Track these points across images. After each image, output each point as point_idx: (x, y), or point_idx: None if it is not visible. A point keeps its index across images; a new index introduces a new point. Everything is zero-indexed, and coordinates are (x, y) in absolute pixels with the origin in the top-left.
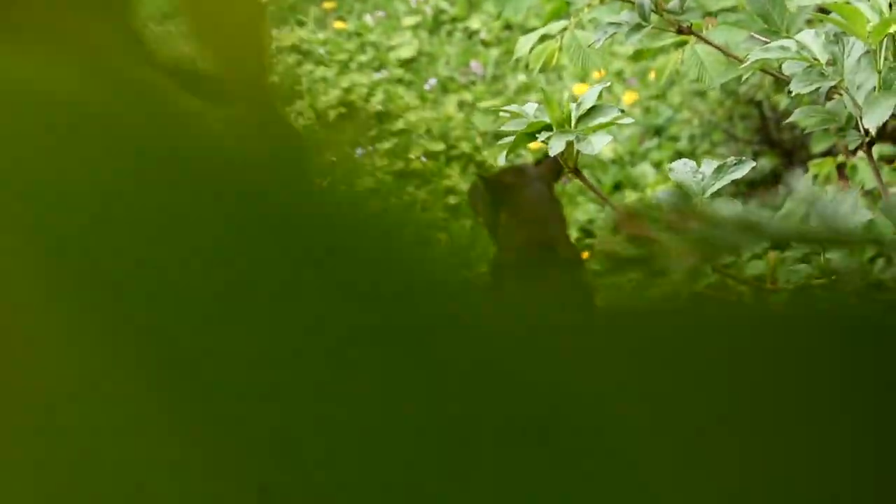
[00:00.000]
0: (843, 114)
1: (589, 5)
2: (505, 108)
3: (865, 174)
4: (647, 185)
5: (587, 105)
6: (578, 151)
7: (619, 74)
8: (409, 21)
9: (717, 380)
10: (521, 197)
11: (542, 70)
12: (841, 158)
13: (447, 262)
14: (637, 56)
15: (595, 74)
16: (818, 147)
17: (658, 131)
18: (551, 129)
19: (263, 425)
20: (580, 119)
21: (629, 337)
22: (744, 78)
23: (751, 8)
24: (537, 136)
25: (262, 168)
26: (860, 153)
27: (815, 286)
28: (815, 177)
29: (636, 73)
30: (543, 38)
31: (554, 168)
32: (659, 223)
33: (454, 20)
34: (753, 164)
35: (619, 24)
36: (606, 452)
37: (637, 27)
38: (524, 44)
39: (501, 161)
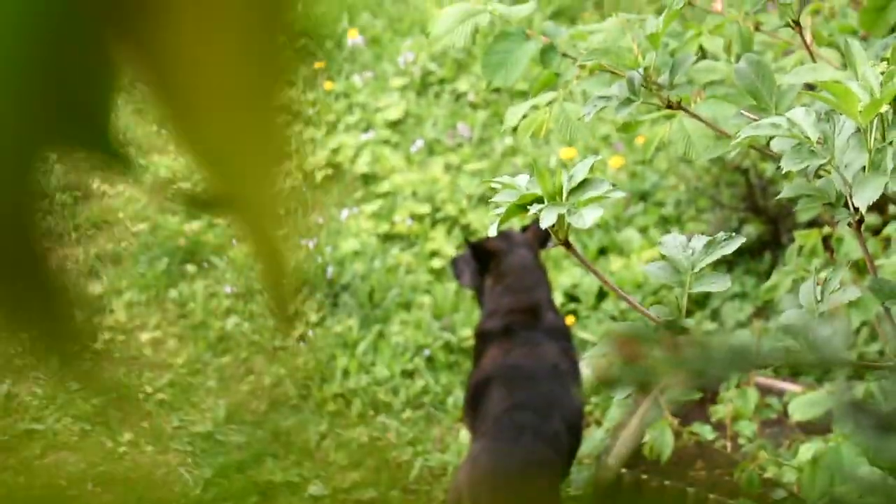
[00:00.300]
0: (833, 191)
1: (578, 77)
2: (496, 179)
3: (851, 246)
4: (632, 251)
5: (578, 178)
6: (569, 223)
7: (605, 139)
8: (397, 82)
9: None
10: (507, 262)
11: (530, 135)
12: (827, 230)
13: None
14: (625, 128)
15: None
16: (804, 216)
17: (644, 196)
18: (542, 202)
19: None
20: (571, 192)
21: None
22: (728, 154)
23: (740, 84)
24: (528, 207)
25: None
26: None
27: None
28: (801, 248)
29: (623, 138)
30: (532, 109)
31: (539, 234)
32: (654, 346)
33: (442, 81)
34: (743, 239)
35: (608, 98)
36: None
37: (626, 101)
38: (513, 114)
39: (492, 232)
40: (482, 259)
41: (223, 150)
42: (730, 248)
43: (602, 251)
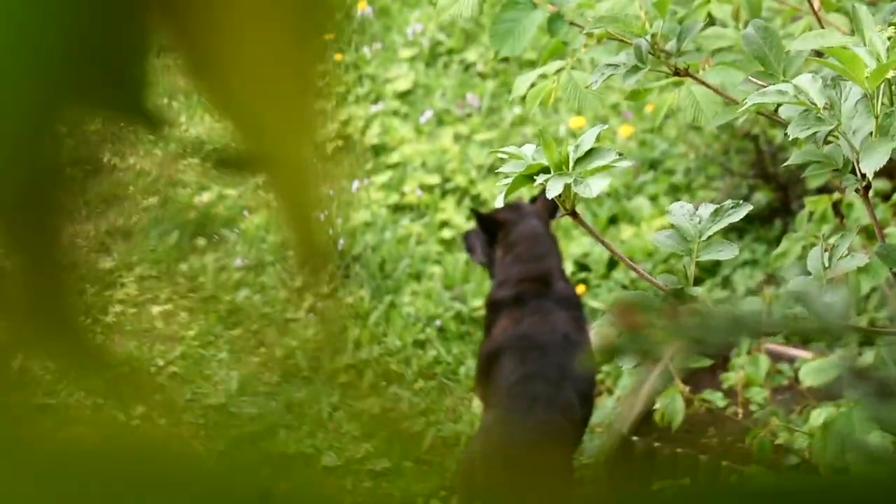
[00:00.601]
0: (840, 157)
1: (586, 45)
2: (503, 149)
3: (861, 212)
4: (643, 219)
5: (585, 147)
6: (576, 193)
7: (615, 108)
8: (406, 53)
9: None
10: (517, 233)
11: (539, 105)
12: (836, 196)
13: None
14: (634, 96)
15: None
16: (814, 182)
17: (654, 165)
18: (549, 172)
19: None
20: (578, 161)
21: None
22: (738, 121)
23: (748, 50)
24: (535, 177)
25: None
26: None
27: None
28: (811, 214)
29: (632, 107)
30: (540, 78)
31: (549, 204)
32: (654, 315)
33: (451, 52)
34: (750, 207)
35: (616, 66)
36: None
37: (634, 69)
38: (522, 83)
39: (499, 203)
40: (491, 230)
41: (257, 112)
42: (737, 216)
43: (612, 220)
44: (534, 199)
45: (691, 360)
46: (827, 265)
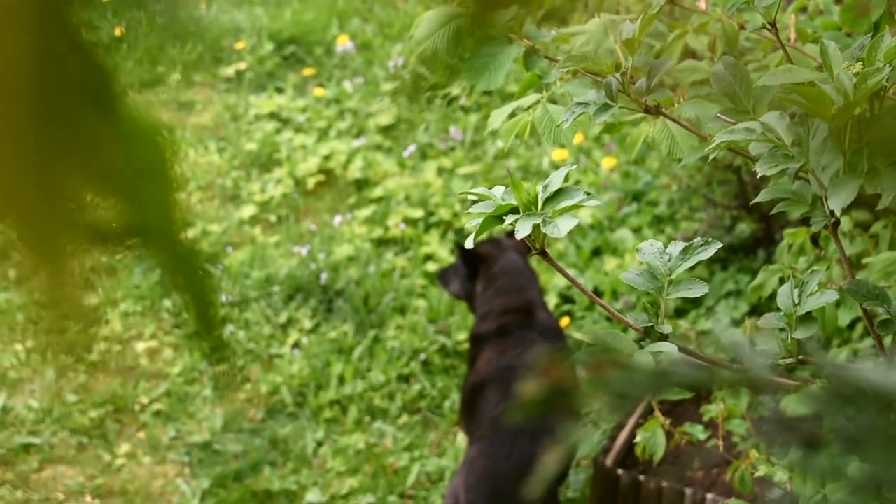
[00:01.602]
0: (810, 194)
1: (561, 79)
2: (472, 191)
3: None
4: (626, 251)
5: (553, 187)
6: (545, 233)
7: (597, 139)
8: (388, 87)
9: None
10: (498, 266)
11: (518, 138)
12: (815, 228)
13: None
14: (609, 129)
15: (576, 139)
16: (795, 213)
17: (637, 196)
18: (518, 212)
19: None
20: (546, 201)
21: None
22: (710, 157)
23: (717, 88)
24: (504, 218)
25: None
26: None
27: None
28: (790, 246)
29: (616, 138)
30: (515, 113)
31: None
32: (579, 370)
33: (434, 86)
34: (719, 245)
35: (587, 104)
36: None
37: (605, 106)
38: (496, 117)
39: (469, 244)
40: (473, 264)
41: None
42: (707, 254)
43: (596, 251)
44: (511, 234)
45: (670, 391)
46: (797, 301)
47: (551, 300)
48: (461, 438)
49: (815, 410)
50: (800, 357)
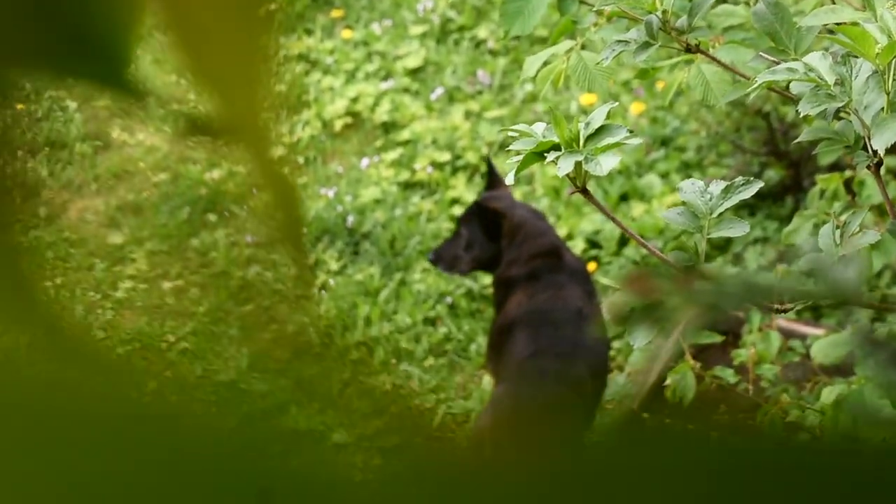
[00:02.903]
0: (852, 134)
1: (596, 24)
2: (513, 127)
3: (872, 190)
4: (654, 196)
5: (595, 125)
6: (587, 171)
7: (626, 84)
8: (416, 30)
9: None
10: (517, 215)
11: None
12: (848, 173)
13: None
14: (642, 74)
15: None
16: (825, 159)
17: (665, 142)
18: (560, 149)
19: None
20: (588, 139)
21: None
22: (750, 97)
23: (758, 27)
24: (546, 155)
25: None
26: None
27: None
28: (823, 192)
29: (644, 84)
30: (549, 60)
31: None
32: (667, 282)
33: (461, 29)
34: (761, 184)
35: (626, 42)
36: None
37: (645, 45)
38: (531, 65)
39: (510, 179)
40: (495, 222)
41: (220, 82)
42: (748, 193)
43: (623, 197)
44: (492, 185)
45: (703, 334)
46: (838, 242)
47: (578, 245)
48: (487, 381)
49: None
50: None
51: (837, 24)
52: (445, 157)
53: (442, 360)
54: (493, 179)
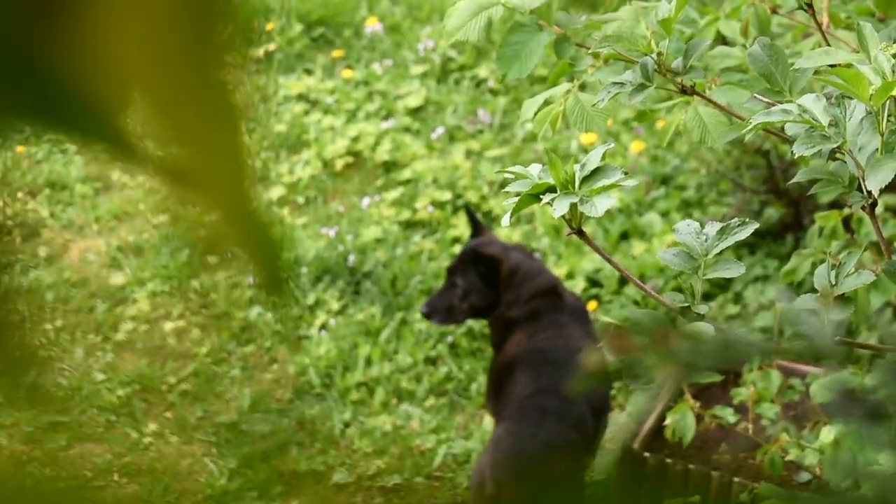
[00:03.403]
0: (846, 174)
1: (593, 66)
2: (509, 169)
3: (871, 227)
4: (654, 235)
5: (591, 166)
6: (582, 212)
7: (626, 123)
8: (417, 69)
9: None
10: (513, 258)
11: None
12: (847, 211)
13: None
14: (640, 117)
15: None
16: (825, 197)
17: (665, 180)
18: (555, 191)
19: None
20: (584, 180)
21: None
22: (743, 139)
23: (754, 68)
24: (541, 197)
25: None
26: None
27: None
28: (822, 230)
29: (644, 123)
30: (547, 102)
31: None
32: (644, 340)
33: (462, 68)
34: (757, 224)
35: (622, 84)
36: None
37: (640, 87)
38: (529, 107)
39: (505, 222)
40: (493, 268)
41: (182, 126)
42: (743, 234)
43: (624, 235)
44: (476, 232)
45: (708, 375)
46: (834, 283)
47: (579, 284)
48: (488, 421)
49: (882, 381)
50: (838, 338)
51: (832, 65)
52: (446, 196)
53: (443, 399)
54: (476, 226)
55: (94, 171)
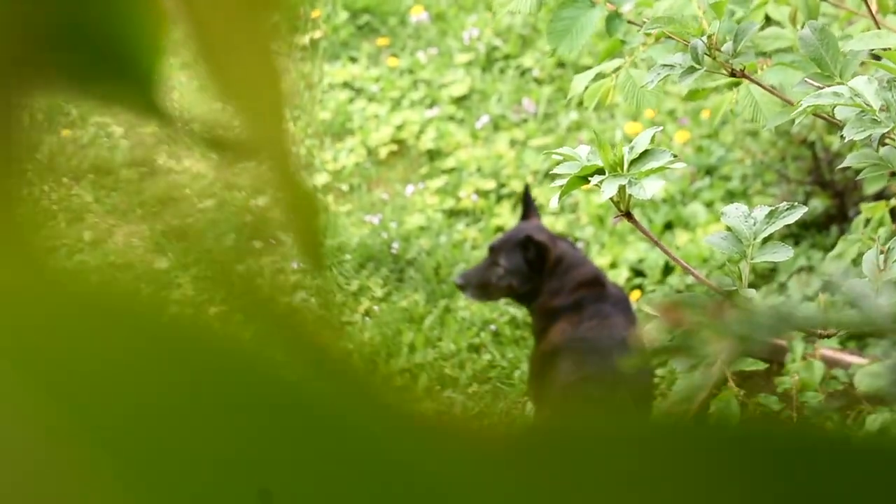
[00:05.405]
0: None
1: (644, 44)
2: (557, 150)
3: None
4: (698, 225)
5: (640, 149)
6: (630, 195)
7: (671, 114)
8: (461, 58)
9: None
10: (559, 248)
11: (596, 109)
12: (894, 202)
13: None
14: (691, 96)
15: (647, 114)
16: (871, 188)
17: (710, 171)
18: (603, 173)
19: None
20: (632, 163)
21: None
22: (797, 120)
23: (804, 52)
24: (590, 179)
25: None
26: None
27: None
28: (868, 220)
29: (688, 113)
30: (598, 77)
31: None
32: (699, 313)
33: (507, 57)
34: (805, 209)
35: (672, 66)
36: None
37: (690, 69)
38: (579, 82)
39: (554, 204)
40: (540, 255)
41: (240, 95)
42: (792, 218)
43: (668, 226)
44: (524, 216)
45: (747, 362)
46: (882, 267)
47: (622, 273)
48: (530, 408)
49: None
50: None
51: (883, 49)
52: (490, 185)
53: (486, 386)
54: (528, 210)
55: (139, 155)
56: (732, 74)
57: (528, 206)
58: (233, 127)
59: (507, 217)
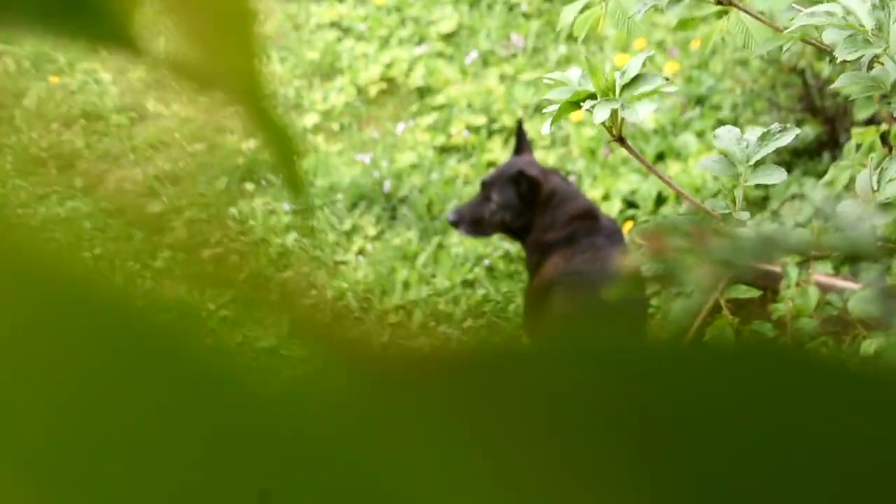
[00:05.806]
0: (888, 81)
1: None
2: (549, 75)
3: None
4: (690, 155)
5: (631, 74)
6: (623, 120)
7: (660, 45)
8: None
9: None
10: (551, 181)
11: (585, 41)
12: (884, 127)
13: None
14: (681, 25)
15: (637, 44)
16: (861, 114)
17: (700, 101)
18: (595, 98)
19: None
20: (624, 88)
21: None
22: (786, 47)
23: None
24: (581, 104)
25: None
26: None
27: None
28: (859, 146)
29: (678, 43)
30: (586, 7)
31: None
32: (681, 240)
33: None
34: (798, 131)
35: None
36: None
37: None
38: (568, 13)
39: (546, 130)
40: (534, 189)
41: (207, 30)
42: (784, 140)
43: (660, 156)
44: (516, 151)
45: (741, 289)
46: (875, 188)
47: (615, 205)
48: (525, 342)
49: None
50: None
51: None
52: (481, 120)
53: (480, 321)
54: (521, 144)
55: (129, 100)
56: (720, 3)
57: (520, 140)
58: (199, 61)
59: (499, 152)
